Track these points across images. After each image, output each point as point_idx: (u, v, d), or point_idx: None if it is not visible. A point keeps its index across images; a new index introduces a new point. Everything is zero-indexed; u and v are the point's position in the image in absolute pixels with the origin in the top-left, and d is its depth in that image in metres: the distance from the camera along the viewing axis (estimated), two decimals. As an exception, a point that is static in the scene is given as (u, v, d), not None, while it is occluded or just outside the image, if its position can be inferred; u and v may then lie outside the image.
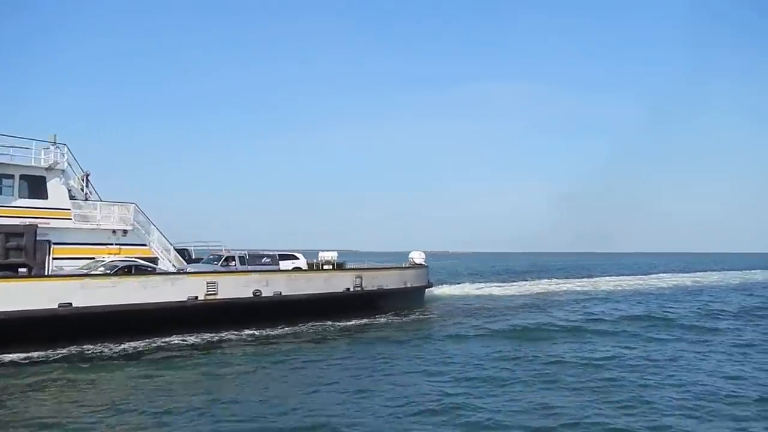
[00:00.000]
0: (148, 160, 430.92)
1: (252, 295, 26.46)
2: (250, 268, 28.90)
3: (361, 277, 30.48)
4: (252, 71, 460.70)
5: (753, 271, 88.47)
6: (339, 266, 34.41)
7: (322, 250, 36.86)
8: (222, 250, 31.07)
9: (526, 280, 62.87)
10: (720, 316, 31.68)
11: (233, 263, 29.03)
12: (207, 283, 25.12)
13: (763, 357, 19.86)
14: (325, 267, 33.99)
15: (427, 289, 38.28)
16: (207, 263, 29.90)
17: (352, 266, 35.16)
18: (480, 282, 57.84)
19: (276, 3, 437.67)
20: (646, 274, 77.49)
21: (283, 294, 27.28)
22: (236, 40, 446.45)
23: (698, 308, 35.53)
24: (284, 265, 32.67)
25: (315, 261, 35.16)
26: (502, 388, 15.62)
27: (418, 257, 38.36)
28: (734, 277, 72.17)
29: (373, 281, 31.13)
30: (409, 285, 33.92)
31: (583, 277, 70.11)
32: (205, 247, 34.07)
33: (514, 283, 57.49)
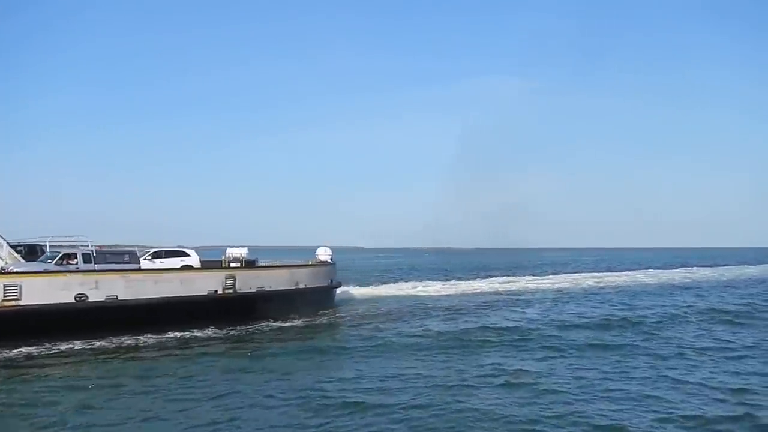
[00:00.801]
0: (148, 160, 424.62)
1: (74, 300, 21.47)
2: (98, 267, 23.73)
3: (233, 278, 25.80)
4: (252, 69, 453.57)
5: (748, 266, 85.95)
6: (249, 264, 30.51)
7: (230, 246, 32.31)
8: (89, 246, 25.98)
9: (500, 276, 60.06)
10: (688, 318, 28.94)
11: (74, 262, 23.92)
12: (4, 286, 19.99)
13: (708, 374, 17.01)
14: (233, 265, 29.94)
15: (339, 290, 34.13)
16: (42, 262, 24.69)
17: (264, 264, 31.91)
18: (434, 280, 53.78)
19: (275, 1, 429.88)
20: (633, 270, 74.98)
21: (120, 299, 22.55)
22: (237, 38, 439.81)
23: (669, 308, 32.94)
24: (170, 262, 28.60)
25: (223, 258, 31.13)
26: (383, 419, 12.86)
27: (323, 254, 34.40)
28: (726, 272, 69.55)
29: (250, 282, 26.69)
30: (303, 286, 29.09)
31: (567, 273, 68.17)
32: (67, 243, 28.84)
33: (480, 280, 54.18)
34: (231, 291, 25.92)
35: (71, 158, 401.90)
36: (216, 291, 25.58)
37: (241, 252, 31.61)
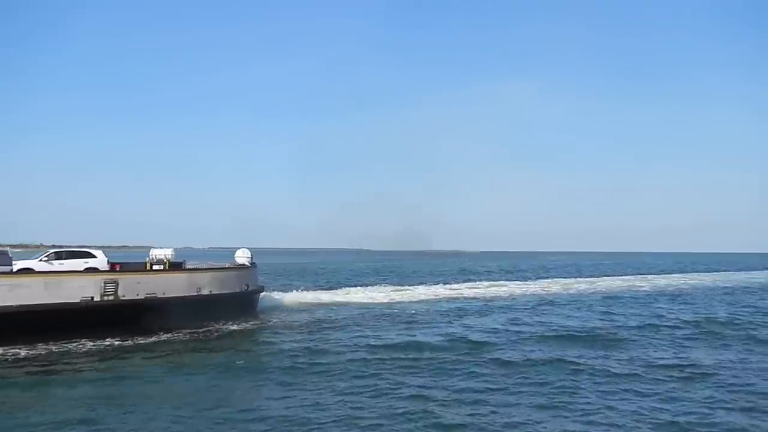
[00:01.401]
0: (152, 162, 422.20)
1: None
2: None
3: (115, 283, 22.28)
4: (255, 70, 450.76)
5: (752, 272, 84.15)
6: (175, 266, 27.95)
7: (155, 247, 29.04)
8: None
9: (487, 281, 58.10)
10: (666, 330, 26.25)
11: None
12: None
13: (663, 404, 14.47)
14: (155, 267, 27.32)
15: (262, 296, 32.20)
16: None
17: (186, 267, 28.84)
18: (408, 285, 51.32)
19: (285, 3, 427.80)
20: (630, 275, 73.05)
21: (-40, 307, 18.49)
22: (244, 37, 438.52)
23: (651, 318, 30.46)
24: (72, 264, 25.53)
25: (147, 259, 28.71)
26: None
27: (241, 256, 31.77)
28: (728, 279, 66.86)
29: (137, 287, 23.27)
30: (207, 292, 25.44)
31: (560, 278, 65.92)
32: None
33: (466, 283, 52.41)
34: (111, 298, 22.57)
35: (72, 158, 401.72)
36: (92, 298, 22.22)
37: (165, 253, 28.73)
